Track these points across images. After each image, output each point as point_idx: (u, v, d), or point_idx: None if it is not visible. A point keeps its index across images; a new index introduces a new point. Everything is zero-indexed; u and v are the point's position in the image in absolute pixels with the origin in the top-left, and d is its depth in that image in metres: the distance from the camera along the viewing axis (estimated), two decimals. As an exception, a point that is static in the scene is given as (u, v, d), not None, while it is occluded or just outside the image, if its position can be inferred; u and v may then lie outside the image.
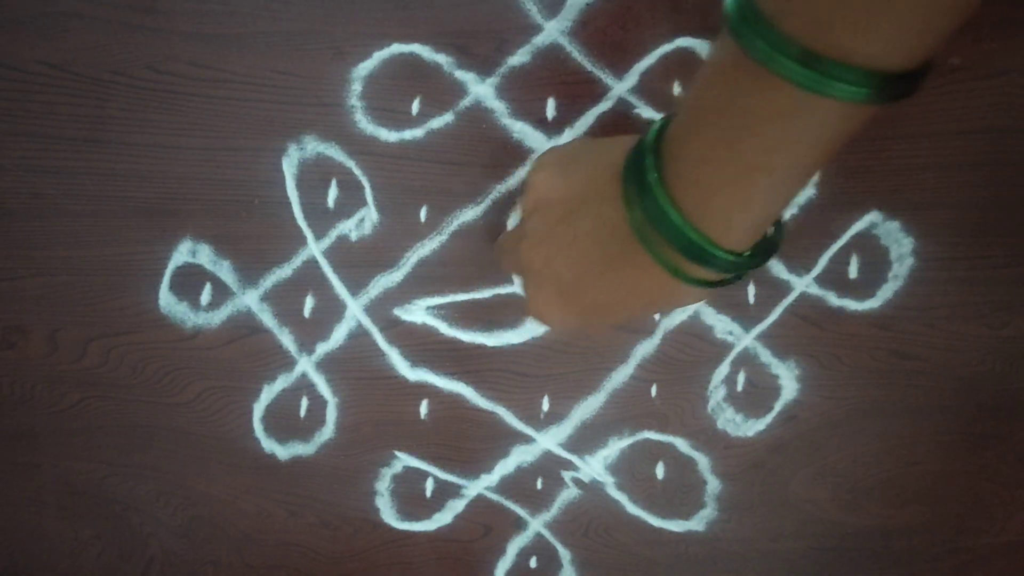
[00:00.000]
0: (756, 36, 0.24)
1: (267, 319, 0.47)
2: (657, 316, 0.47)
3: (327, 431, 0.48)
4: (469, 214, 0.46)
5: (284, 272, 0.47)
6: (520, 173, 0.46)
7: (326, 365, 0.47)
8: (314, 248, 0.46)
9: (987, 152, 0.46)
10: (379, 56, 0.45)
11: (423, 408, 0.48)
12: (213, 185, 0.46)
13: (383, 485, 0.48)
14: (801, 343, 0.48)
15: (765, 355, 0.48)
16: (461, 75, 0.45)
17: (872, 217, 0.46)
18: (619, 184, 0.30)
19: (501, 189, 0.46)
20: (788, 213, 0.46)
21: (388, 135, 0.46)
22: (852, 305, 0.47)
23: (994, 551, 0.49)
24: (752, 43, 0.24)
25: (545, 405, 0.48)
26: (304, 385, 0.47)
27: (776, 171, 0.27)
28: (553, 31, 0.45)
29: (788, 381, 0.48)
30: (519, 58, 0.45)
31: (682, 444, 0.48)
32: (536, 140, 0.46)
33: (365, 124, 0.46)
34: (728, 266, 0.29)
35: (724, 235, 0.28)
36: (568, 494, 0.49)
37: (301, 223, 0.46)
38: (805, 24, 0.23)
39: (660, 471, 0.49)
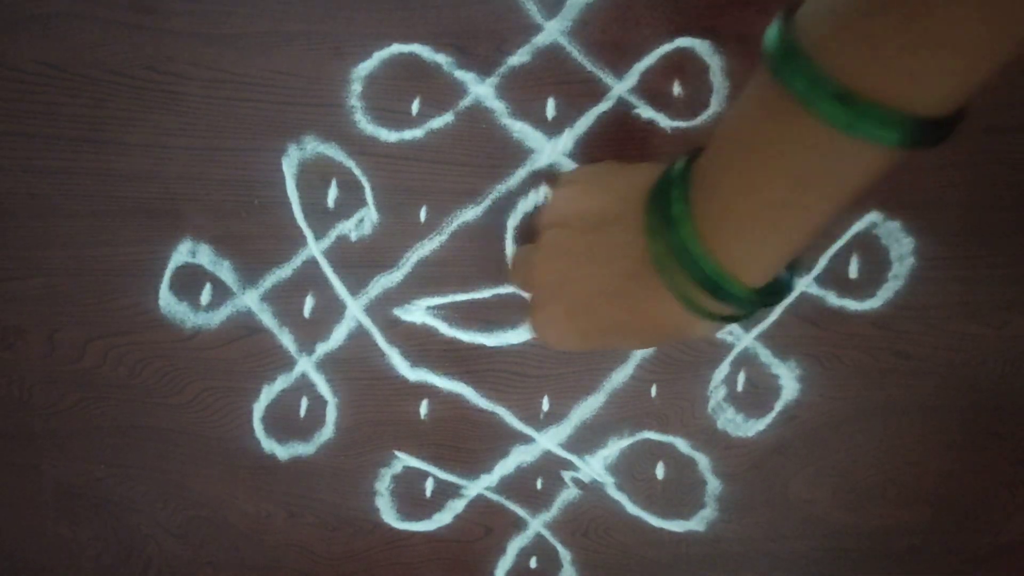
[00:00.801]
0: (795, 72, 0.24)
1: (267, 319, 0.47)
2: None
3: (327, 431, 0.48)
4: (469, 214, 0.46)
5: (284, 272, 0.47)
6: (520, 173, 0.46)
7: (326, 365, 0.47)
8: (314, 248, 0.46)
9: (987, 152, 0.46)
10: (379, 56, 0.45)
11: (423, 408, 0.48)
12: (213, 185, 0.46)
13: (383, 485, 0.48)
14: (801, 343, 0.48)
15: (765, 355, 0.48)
16: (461, 75, 0.45)
17: (872, 217, 0.46)
18: (643, 210, 0.30)
19: (501, 189, 0.46)
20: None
21: (388, 135, 0.46)
22: (852, 305, 0.47)
23: (995, 551, 0.49)
24: (790, 79, 0.24)
25: (545, 405, 0.48)
26: (304, 385, 0.47)
27: (801, 210, 0.27)
28: (553, 31, 0.45)
29: (788, 381, 0.48)
30: (519, 58, 0.45)
31: (682, 444, 0.48)
32: (536, 140, 0.46)
33: (365, 124, 0.46)
34: (743, 303, 0.29)
35: (743, 271, 0.28)
36: (568, 494, 0.49)
37: (301, 223, 0.46)
38: (845, 64, 0.23)
39: (660, 471, 0.49)
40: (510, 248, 0.46)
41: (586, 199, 0.34)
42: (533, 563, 0.49)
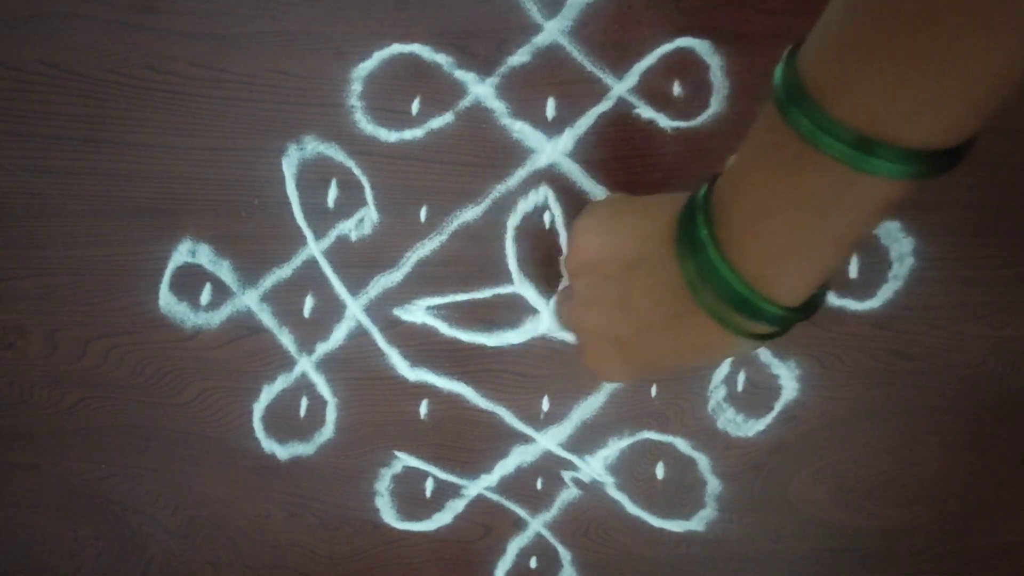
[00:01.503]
0: (802, 115, 0.24)
1: (267, 319, 0.47)
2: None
3: (327, 431, 0.48)
4: (469, 214, 0.46)
5: (284, 272, 0.47)
6: (520, 173, 0.46)
7: (326, 365, 0.47)
8: (314, 248, 0.46)
9: (987, 152, 0.46)
10: (379, 56, 0.45)
11: (423, 408, 0.48)
12: (213, 185, 0.46)
13: (383, 485, 0.48)
14: (801, 343, 0.48)
15: (765, 355, 0.48)
16: (461, 75, 0.45)
17: (872, 217, 0.46)
18: (670, 243, 0.31)
19: (501, 189, 0.46)
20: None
21: (388, 135, 0.46)
22: (852, 305, 0.47)
23: (995, 551, 0.49)
24: (798, 121, 0.24)
25: (545, 405, 0.48)
26: (304, 385, 0.47)
27: (819, 238, 0.27)
28: (553, 31, 0.45)
29: (788, 381, 0.48)
30: (519, 58, 0.45)
31: (682, 444, 0.48)
32: (536, 140, 0.46)
33: (365, 124, 0.46)
34: (777, 320, 0.29)
35: (774, 290, 0.28)
36: (568, 494, 0.49)
37: (301, 223, 0.46)
38: (852, 108, 0.23)
39: (660, 471, 0.49)
40: (510, 248, 0.46)
41: (609, 241, 0.34)
42: (533, 563, 0.49)
